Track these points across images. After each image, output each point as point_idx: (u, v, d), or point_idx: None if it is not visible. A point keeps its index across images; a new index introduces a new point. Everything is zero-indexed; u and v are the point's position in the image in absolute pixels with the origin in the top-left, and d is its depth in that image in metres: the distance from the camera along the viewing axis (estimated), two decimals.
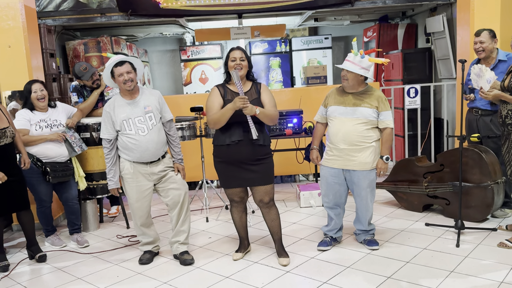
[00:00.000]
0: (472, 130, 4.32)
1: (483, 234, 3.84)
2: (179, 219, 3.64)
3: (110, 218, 5.10)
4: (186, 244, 3.73)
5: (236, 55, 3.38)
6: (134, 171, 3.54)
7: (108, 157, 3.58)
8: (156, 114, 3.55)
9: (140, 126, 3.49)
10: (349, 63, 3.43)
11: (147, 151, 3.49)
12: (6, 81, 4.60)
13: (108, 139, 3.55)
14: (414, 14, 7.32)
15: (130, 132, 3.48)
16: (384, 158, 3.47)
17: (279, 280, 3.21)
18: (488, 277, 3.04)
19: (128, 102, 3.53)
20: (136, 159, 3.52)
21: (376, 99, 3.44)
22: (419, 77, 6.56)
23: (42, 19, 5.69)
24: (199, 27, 7.14)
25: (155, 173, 3.57)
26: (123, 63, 3.47)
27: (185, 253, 3.67)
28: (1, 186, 3.59)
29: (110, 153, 3.57)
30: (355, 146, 3.43)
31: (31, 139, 3.97)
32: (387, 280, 3.10)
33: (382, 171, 3.48)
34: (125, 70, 3.45)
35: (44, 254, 3.92)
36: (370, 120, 3.42)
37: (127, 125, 3.48)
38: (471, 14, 4.87)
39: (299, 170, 5.99)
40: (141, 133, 3.48)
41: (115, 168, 3.60)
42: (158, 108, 3.57)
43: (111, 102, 3.58)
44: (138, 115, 3.50)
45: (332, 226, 3.74)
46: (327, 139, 3.62)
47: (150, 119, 3.51)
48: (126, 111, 3.50)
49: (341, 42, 8.78)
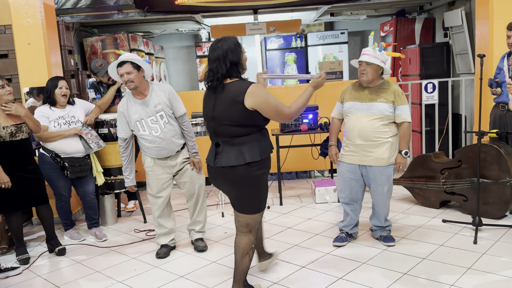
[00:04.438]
0: (498, 125, 4.22)
1: (501, 231, 3.79)
2: (195, 210, 3.85)
3: (127, 212, 5.16)
4: (202, 232, 3.92)
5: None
6: (154, 165, 3.66)
7: (123, 155, 3.68)
8: (167, 111, 3.57)
9: (153, 126, 3.53)
10: (367, 56, 3.40)
11: (163, 149, 3.59)
12: (25, 78, 4.68)
13: (123, 138, 3.64)
14: (432, 8, 7.21)
15: (144, 133, 3.54)
16: (403, 153, 3.43)
17: (295, 275, 3.22)
18: (506, 274, 3.01)
19: (139, 102, 3.55)
20: (155, 156, 3.62)
21: (393, 93, 3.41)
22: (437, 72, 6.47)
23: (60, 16, 5.77)
24: (214, 23, 7.16)
25: (174, 166, 3.68)
26: (123, 64, 3.45)
27: (199, 240, 3.88)
28: (19, 181, 3.67)
29: (125, 151, 3.67)
30: (371, 141, 3.41)
31: (50, 135, 4.03)
32: (403, 276, 3.08)
33: (402, 166, 3.45)
34: (125, 71, 3.44)
35: (63, 247, 3.99)
36: (386, 115, 3.40)
37: (141, 126, 3.54)
38: (490, 8, 4.79)
39: (315, 166, 5.98)
40: (154, 133, 3.53)
41: (131, 166, 3.72)
42: (168, 105, 3.57)
43: (124, 102, 3.62)
44: (150, 115, 3.53)
45: (348, 222, 3.73)
46: (344, 135, 3.61)
47: (161, 118, 3.55)
48: (138, 111, 3.53)
49: (357, 37, 8.71)
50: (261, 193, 2.77)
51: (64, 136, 4.08)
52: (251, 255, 2.81)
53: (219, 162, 2.69)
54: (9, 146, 3.62)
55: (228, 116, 2.64)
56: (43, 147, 4.06)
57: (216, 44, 2.68)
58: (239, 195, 2.74)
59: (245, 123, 2.65)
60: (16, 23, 4.63)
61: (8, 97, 3.66)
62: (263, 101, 2.61)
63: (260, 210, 2.79)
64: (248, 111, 2.60)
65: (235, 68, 2.66)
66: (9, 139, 3.60)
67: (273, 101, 2.65)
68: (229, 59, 2.63)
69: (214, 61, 2.65)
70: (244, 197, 2.73)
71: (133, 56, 3.59)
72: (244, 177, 2.67)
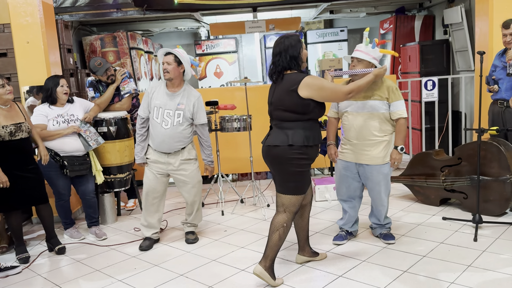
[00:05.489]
0: (497, 123, 4.22)
1: (501, 228, 3.78)
2: (191, 213, 3.99)
3: (127, 211, 5.16)
4: (194, 226, 4.08)
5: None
6: (154, 158, 3.78)
7: (139, 132, 3.84)
8: (187, 114, 3.72)
9: (166, 119, 3.70)
10: (359, 52, 3.40)
11: (163, 143, 3.71)
12: (24, 77, 4.67)
13: (142, 116, 3.80)
14: (432, 5, 7.21)
15: (156, 120, 3.71)
16: (399, 149, 3.40)
17: (294, 273, 3.22)
18: (506, 272, 3.00)
19: (168, 93, 3.73)
20: (155, 147, 3.76)
21: (386, 89, 3.38)
22: (436, 69, 6.46)
23: (59, 15, 5.76)
24: (213, 21, 7.15)
25: (172, 164, 3.78)
26: (168, 54, 3.70)
27: (190, 233, 4.02)
28: (19, 181, 3.66)
29: (141, 129, 3.84)
30: (367, 140, 3.40)
31: (48, 134, 4.03)
32: (403, 274, 3.08)
33: (396, 162, 3.42)
34: (166, 60, 3.68)
35: (63, 246, 3.99)
36: (382, 113, 3.38)
37: (157, 112, 3.71)
38: (490, 5, 4.78)
39: (314, 164, 5.94)
40: (164, 126, 3.69)
41: (143, 144, 3.85)
42: (190, 110, 3.74)
43: (155, 84, 3.83)
44: (170, 108, 3.70)
45: (347, 220, 3.72)
46: (342, 133, 3.61)
47: (178, 116, 3.70)
48: (162, 99, 3.72)
49: (357, 34, 8.69)
50: (297, 177, 3.00)
51: (63, 135, 4.08)
52: (281, 233, 3.01)
53: (268, 141, 3.05)
54: (9, 145, 3.62)
55: (282, 102, 2.97)
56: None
57: (279, 40, 3.02)
58: (278, 174, 3.05)
59: (297, 110, 2.93)
60: (15, 22, 4.62)
61: (8, 96, 3.65)
62: (317, 88, 2.91)
63: (296, 193, 3.01)
64: (302, 100, 2.91)
65: (295, 62, 2.96)
66: (8, 138, 3.60)
67: (329, 85, 2.97)
68: (289, 54, 2.94)
69: (276, 55, 3.00)
70: (282, 176, 3.02)
71: (183, 53, 3.78)
72: (284, 158, 2.95)
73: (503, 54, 4.16)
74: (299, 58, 2.98)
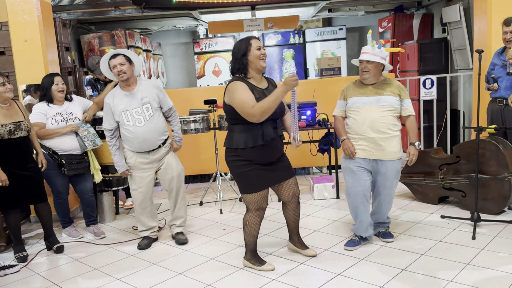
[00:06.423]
0: (496, 121, 4.22)
1: (499, 226, 3.79)
2: (175, 204, 3.96)
3: (125, 210, 5.16)
4: (182, 226, 4.03)
5: (260, 43, 3.12)
6: (136, 161, 3.77)
7: (111, 144, 3.81)
8: (154, 105, 3.72)
9: (137, 118, 3.67)
10: (368, 54, 3.39)
11: (145, 141, 3.70)
12: (22, 75, 4.66)
13: (108, 129, 3.77)
14: (430, 3, 7.20)
15: (128, 123, 3.67)
16: (416, 145, 3.43)
17: (293, 271, 3.22)
18: (504, 270, 3.01)
19: (126, 94, 3.71)
20: (136, 149, 3.74)
21: (397, 87, 3.43)
22: (435, 67, 6.47)
23: (57, 13, 5.75)
24: (212, 20, 7.14)
25: (156, 160, 3.80)
26: (116, 56, 3.66)
27: (180, 233, 3.99)
28: (17, 179, 3.66)
29: (112, 141, 3.81)
30: (383, 134, 3.37)
31: (47, 132, 4.02)
32: (402, 272, 3.08)
33: (415, 158, 3.43)
34: (118, 62, 3.64)
35: (62, 245, 3.99)
36: (396, 108, 3.40)
37: (125, 116, 3.67)
38: (488, 3, 4.77)
39: (313, 162, 5.98)
40: (138, 124, 3.66)
41: (119, 153, 3.82)
42: (156, 100, 3.74)
43: (111, 93, 3.78)
44: (136, 106, 3.68)
45: (361, 223, 3.54)
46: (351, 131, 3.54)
47: (147, 110, 3.69)
48: (124, 102, 3.68)
49: (355, 33, 8.69)
50: (238, 178, 3.12)
51: (61, 134, 4.07)
52: (247, 230, 3.22)
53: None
54: (8, 144, 3.61)
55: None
56: (41, 144, 4.05)
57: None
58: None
59: (228, 115, 3.07)
60: (13, 20, 4.61)
61: (8, 95, 3.64)
62: (231, 97, 2.98)
63: (245, 192, 3.13)
64: (227, 105, 3.02)
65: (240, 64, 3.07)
66: (7, 137, 3.59)
67: (240, 98, 2.92)
68: (234, 57, 3.09)
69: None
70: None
71: (126, 50, 3.78)
72: (226, 159, 3.14)
73: (502, 52, 4.16)
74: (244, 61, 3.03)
